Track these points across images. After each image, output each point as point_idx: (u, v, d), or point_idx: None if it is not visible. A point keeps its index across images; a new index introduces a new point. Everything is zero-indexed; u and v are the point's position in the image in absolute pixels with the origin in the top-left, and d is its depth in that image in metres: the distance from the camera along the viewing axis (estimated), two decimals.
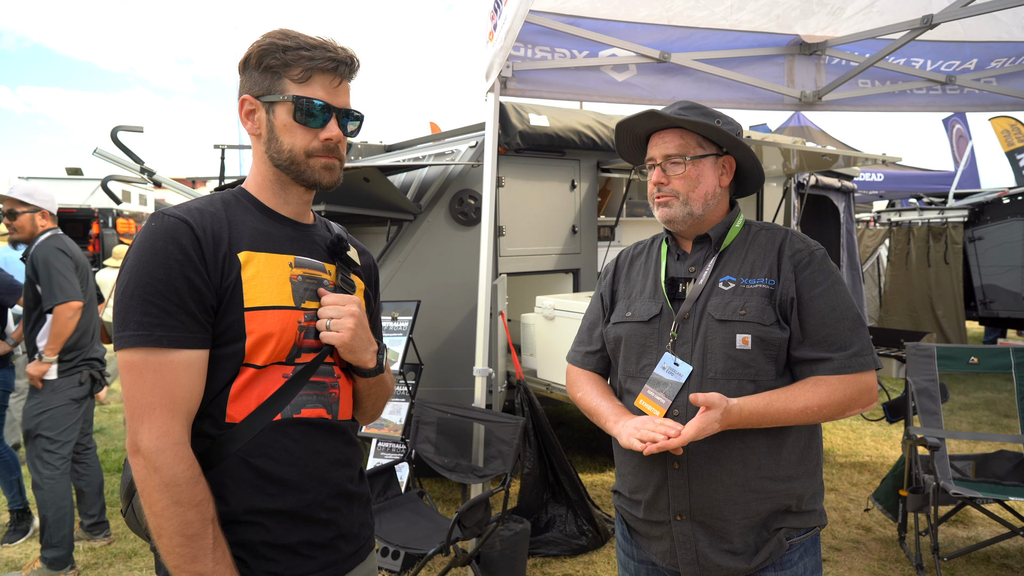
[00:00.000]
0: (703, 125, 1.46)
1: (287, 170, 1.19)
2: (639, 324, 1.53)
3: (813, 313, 1.40)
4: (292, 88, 1.16)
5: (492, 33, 3.11)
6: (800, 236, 1.50)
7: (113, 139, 5.06)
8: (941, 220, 8.64)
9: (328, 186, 1.22)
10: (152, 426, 1.03)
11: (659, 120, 1.50)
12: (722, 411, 1.32)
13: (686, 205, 1.49)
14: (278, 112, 1.17)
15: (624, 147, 1.63)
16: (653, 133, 1.55)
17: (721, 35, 3.48)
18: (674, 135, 1.51)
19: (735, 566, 1.41)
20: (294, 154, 1.18)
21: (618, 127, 1.56)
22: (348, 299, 1.21)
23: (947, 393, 3.53)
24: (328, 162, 1.20)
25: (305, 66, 1.16)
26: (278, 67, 1.16)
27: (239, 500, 1.10)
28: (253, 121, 1.20)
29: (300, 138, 1.18)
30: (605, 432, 1.57)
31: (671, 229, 1.56)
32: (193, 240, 1.08)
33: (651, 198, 1.55)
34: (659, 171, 1.51)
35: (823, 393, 1.38)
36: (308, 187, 1.23)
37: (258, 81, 1.18)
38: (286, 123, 1.17)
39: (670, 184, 1.50)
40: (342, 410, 1.25)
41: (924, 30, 3.12)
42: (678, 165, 1.49)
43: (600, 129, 4.66)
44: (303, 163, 1.19)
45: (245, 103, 1.19)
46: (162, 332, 1.04)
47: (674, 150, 1.50)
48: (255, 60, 1.17)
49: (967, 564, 3.30)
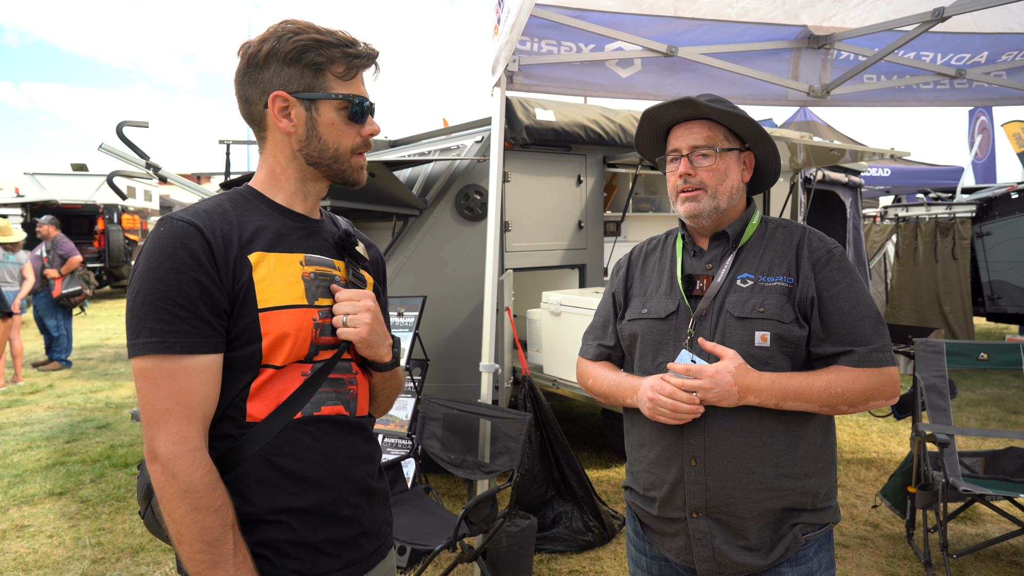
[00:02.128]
0: (736, 117, 1.44)
1: (327, 168, 1.19)
2: (656, 321, 1.51)
3: (834, 311, 1.40)
4: (337, 86, 1.15)
5: (496, 27, 3.09)
6: (818, 234, 1.49)
7: (119, 134, 5.05)
8: (949, 215, 8.58)
9: (362, 183, 1.23)
10: (168, 432, 1.03)
11: (691, 109, 1.46)
12: (737, 364, 1.34)
13: (714, 199, 1.47)
14: (323, 110, 1.15)
15: (643, 138, 1.59)
16: (677, 124, 1.52)
17: (728, 27, 3.45)
18: (702, 126, 1.48)
19: (752, 562, 1.40)
20: (340, 152, 1.18)
21: (644, 114, 1.52)
22: (363, 294, 1.21)
23: (955, 389, 3.50)
24: (363, 160, 1.22)
25: (350, 64, 1.15)
26: (323, 64, 1.14)
27: (263, 500, 1.10)
28: (290, 119, 1.16)
29: (347, 136, 1.18)
30: (622, 413, 1.56)
31: (693, 225, 1.53)
32: (203, 244, 1.07)
33: (674, 192, 1.51)
34: (686, 162, 1.47)
35: (847, 378, 1.37)
36: (344, 184, 1.23)
37: (294, 77, 1.14)
38: (334, 121, 1.16)
39: (697, 176, 1.47)
40: (360, 406, 1.25)
41: (935, 23, 3.08)
42: (707, 157, 1.47)
43: (606, 124, 4.64)
44: (347, 161, 1.19)
45: (278, 99, 1.15)
46: (175, 338, 1.04)
47: (702, 141, 1.47)
48: (292, 55, 1.13)
49: (976, 561, 3.28)
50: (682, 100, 1.45)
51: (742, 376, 1.35)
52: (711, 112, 1.45)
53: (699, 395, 1.37)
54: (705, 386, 1.36)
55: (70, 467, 4.68)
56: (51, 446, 5.15)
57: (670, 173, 1.52)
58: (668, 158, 1.53)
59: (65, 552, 3.43)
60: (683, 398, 1.37)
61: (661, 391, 1.39)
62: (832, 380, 1.37)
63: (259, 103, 1.17)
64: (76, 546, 3.49)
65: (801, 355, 1.42)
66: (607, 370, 1.62)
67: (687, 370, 1.38)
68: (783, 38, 3.59)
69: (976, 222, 8.42)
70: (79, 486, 4.33)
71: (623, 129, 4.75)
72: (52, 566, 3.29)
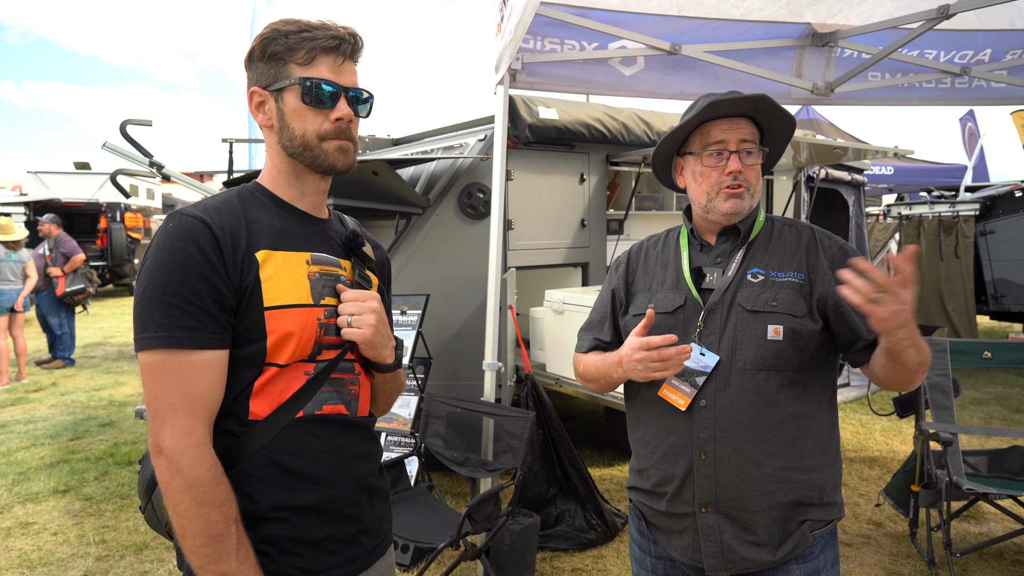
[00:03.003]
0: (787, 120, 1.46)
1: (301, 157, 1.18)
2: (663, 315, 1.51)
3: None
4: (298, 71, 1.15)
5: (500, 25, 3.09)
6: (826, 232, 1.51)
7: (122, 133, 5.06)
8: (952, 214, 8.56)
9: (344, 170, 1.20)
10: (174, 427, 1.03)
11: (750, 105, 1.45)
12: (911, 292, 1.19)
13: (752, 197, 1.48)
14: (287, 98, 1.16)
15: (685, 129, 1.52)
16: (716, 119, 1.48)
17: (732, 26, 3.44)
18: (747, 123, 1.48)
19: (760, 558, 1.40)
20: (307, 139, 1.16)
21: (710, 104, 1.44)
22: (368, 295, 1.21)
23: (959, 388, 3.50)
24: (341, 144, 1.18)
25: (308, 47, 1.14)
26: (282, 53, 1.15)
27: (265, 497, 1.10)
28: (264, 113, 1.19)
29: (311, 121, 1.16)
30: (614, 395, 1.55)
31: (726, 223, 1.50)
32: (211, 240, 1.07)
33: (715, 187, 1.47)
34: (736, 158, 1.45)
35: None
36: (324, 173, 1.21)
37: (264, 71, 1.17)
38: (296, 108, 1.16)
39: (745, 174, 1.46)
40: (361, 406, 1.25)
41: (940, 20, 3.07)
42: (751, 155, 1.47)
43: (609, 122, 4.63)
44: (316, 147, 1.17)
45: (254, 96, 1.18)
46: (182, 333, 1.04)
47: (749, 137, 1.47)
48: (259, 51, 1.16)
49: (979, 560, 3.28)
50: (756, 96, 1.42)
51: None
52: (769, 111, 1.46)
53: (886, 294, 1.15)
54: (903, 304, 1.16)
55: (74, 465, 4.69)
56: (55, 444, 5.16)
57: (709, 168, 1.48)
58: (707, 152, 1.48)
59: (69, 549, 3.44)
60: (657, 342, 1.32)
61: (641, 347, 1.36)
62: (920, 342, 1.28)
63: (249, 103, 1.20)
64: (80, 543, 3.51)
65: (810, 349, 1.42)
66: (594, 355, 1.62)
67: (868, 268, 1.17)
68: (787, 36, 3.58)
69: (979, 220, 8.40)
70: (83, 484, 4.34)
71: (626, 127, 4.74)
72: (56, 563, 3.30)
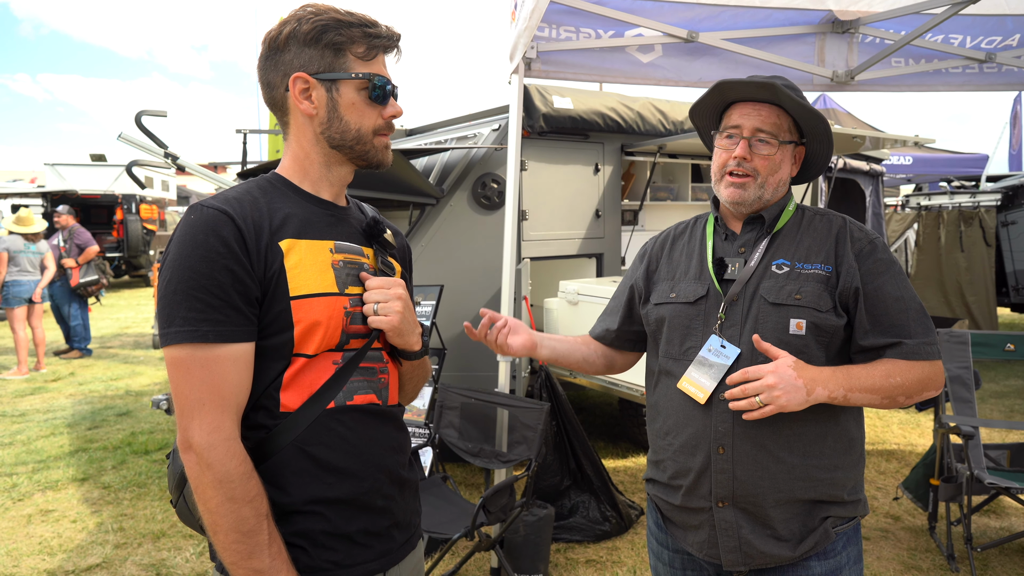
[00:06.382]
0: (810, 112, 1.39)
1: (350, 150, 1.17)
2: (684, 305, 1.48)
3: (879, 302, 1.36)
4: (358, 65, 1.14)
5: (514, 13, 3.05)
6: (858, 224, 1.45)
7: (137, 124, 5.07)
8: (973, 204, 8.42)
9: (387, 165, 1.22)
10: (203, 422, 1.02)
11: (767, 93, 1.40)
12: (794, 359, 1.29)
13: (761, 188, 1.42)
14: (344, 90, 1.14)
15: (704, 107, 1.51)
16: (741, 101, 1.45)
17: (751, 13, 3.38)
18: (771, 111, 1.42)
19: (780, 553, 1.37)
20: (362, 133, 1.16)
21: (716, 86, 1.43)
22: (393, 282, 1.20)
23: (980, 381, 3.44)
24: (387, 141, 1.21)
25: (370, 43, 1.14)
26: (343, 44, 1.12)
27: (299, 490, 1.09)
28: (310, 100, 1.14)
29: (368, 116, 1.16)
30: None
31: (733, 212, 1.49)
32: (235, 231, 1.06)
33: (719, 171, 1.46)
34: (744, 145, 1.41)
35: (903, 367, 1.34)
36: (369, 167, 1.21)
37: (315, 58, 1.13)
38: (354, 101, 1.15)
39: (752, 162, 1.41)
40: (391, 395, 1.24)
41: (967, 4, 3.00)
42: (767, 144, 1.41)
43: (624, 111, 4.58)
44: (369, 142, 1.18)
45: (298, 81, 1.13)
46: (208, 327, 1.03)
47: (768, 127, 1.41)
48: (312, 36, 1.12)
49: (1000, 555, 3.23)
50: (763, 83, 1.38)
51: (803, 369, 1.29)
52: (788, 102, 1.40)
53: (763, 396, 1.26)
54: (770, 383, 1.25)
55: (92, 453, 4.75)
56: (73, 433, 5.22)
57: (721, 150, 1.46)
58: (723, 134, 1.46)
59: (88, 536, 3.48)
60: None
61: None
62: (890, 370, 1.33)
63: (280, 87, 1.15)
64: (99, 531, 3.55)
65: (835, 344, 1.39)
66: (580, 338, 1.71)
67: (744, 374, 1.29)
68: (807, 23, 3.52)
69: (1001, 211, 8.26)
70: (101, 472, 4.39)
71: (641, 117, 4.69)
72: (75, 550, 3.34)
